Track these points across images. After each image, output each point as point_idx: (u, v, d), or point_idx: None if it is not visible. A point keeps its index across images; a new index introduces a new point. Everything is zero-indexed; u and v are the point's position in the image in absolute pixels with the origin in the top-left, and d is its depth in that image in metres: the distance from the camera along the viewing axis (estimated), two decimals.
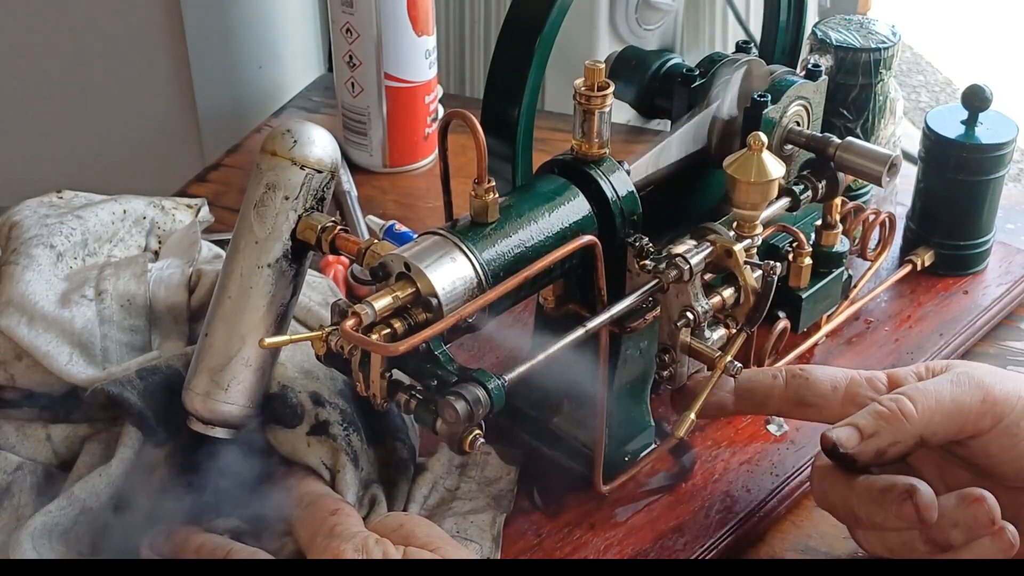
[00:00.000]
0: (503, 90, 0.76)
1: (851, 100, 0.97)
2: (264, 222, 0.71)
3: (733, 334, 0.76)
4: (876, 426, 0.70)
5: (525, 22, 0.75)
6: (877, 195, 1.01)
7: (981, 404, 0.70)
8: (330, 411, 0.76)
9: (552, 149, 0.79)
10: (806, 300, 0.87)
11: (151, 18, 1.38)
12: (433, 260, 0.67)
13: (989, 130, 0.95)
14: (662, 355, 0.76)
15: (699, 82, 0.85)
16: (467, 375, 0.66)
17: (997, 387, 0.71)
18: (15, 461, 0.76)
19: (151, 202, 0.94)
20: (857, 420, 0.71)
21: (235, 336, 0.72)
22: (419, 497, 0.79)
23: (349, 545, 0.66)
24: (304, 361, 0.79)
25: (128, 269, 0.84)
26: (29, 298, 0.79)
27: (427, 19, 1.14)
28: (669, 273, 0.72)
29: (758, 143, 0.75)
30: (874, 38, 0.96)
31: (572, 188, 0.74)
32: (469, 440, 0.66)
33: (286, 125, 0.71)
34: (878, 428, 0.70)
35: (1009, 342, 0.96)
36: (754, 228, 0.77)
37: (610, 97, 0.73)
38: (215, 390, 0.72)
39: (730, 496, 0.81)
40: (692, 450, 0.85)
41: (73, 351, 0.79)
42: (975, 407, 0.70)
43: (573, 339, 0.69)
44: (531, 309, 0.85)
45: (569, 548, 0.78)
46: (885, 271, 0.99)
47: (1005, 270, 1.00)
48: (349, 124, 1.18)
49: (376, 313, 0.65)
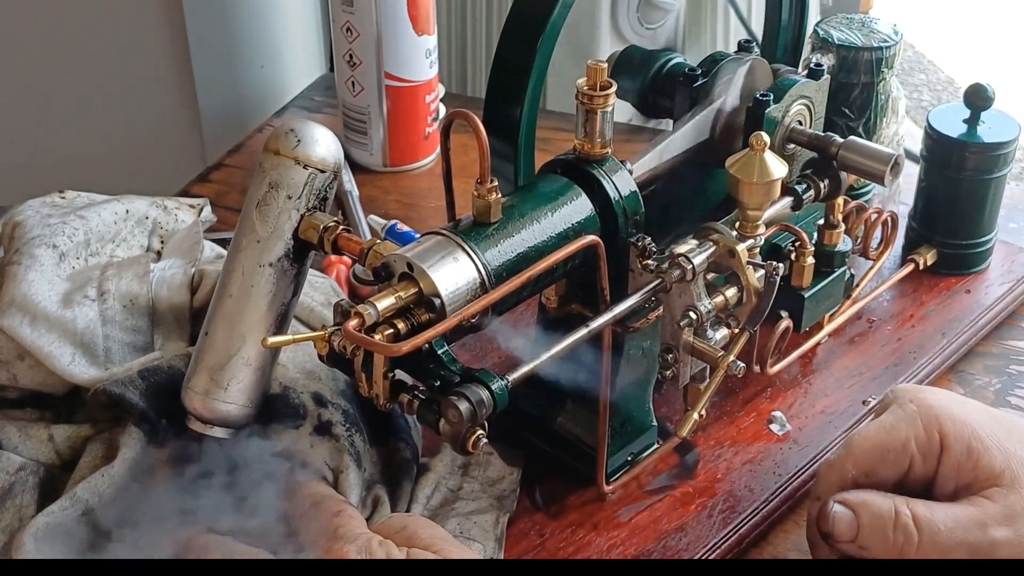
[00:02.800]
0: (505, 89, 0.76)
1: (853, 99, 0.97)
2: (266, 221, 0.71)
3: (736, 333, 0.76)
4: (871, 546, 0.70)
5: (527, 21, 0.75)
6: (879, 194, 1.01)
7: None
8: (333, 412, 0.76)
9: (554, 149, 0.79)
10: (808, 299, 0.87)
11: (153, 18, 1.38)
12: (436, 260, 0.67)
13: (991, 129, 0.95)
14: (665, 355, 0.76)
15: (701, 81, 0.85)
16: (470, 375, 0.66)
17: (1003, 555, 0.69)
18: (18, 461, 0.76)
19: (153, 202, 0.94)
20: (863, 523, 0.70)
21: (235, 335, 0.71)
22: (422, 497, 0.78)
23: (352, 547, 0.66)
24: (306, 362, 0.79)
25: (130, 269, 0.84)
26: (31, 298, 0.79)
27: (427, 18, 1.14)
28: (672, 273, 0.72)
29: (761, 143, 0.75)
30: (876, 37, 0.96)
31: (575, 188, 0.74)
32: (472, 440, 0.66)
33: (290, 124, 0.71)
34: (871, 548, 0.70)
35: (1011, 341, 0.96)
36: (756, 228, 0.77)
37: (612, 96, 0.72)
38: (214, 389, 0.72)
39: (733, 496, 0.81)
40: (695, 449, 0.85)
41: (75, 351, 0.79)
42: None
43: (576, 339, 0.69)
44: (534, 309, 0.85)
45: (572, 548, 0.78)
46: (887, 270, 0.99)
47: (1007, 269, 1.00)
48: (349, 123, 1.18)
49: (379, 313, 0.64)
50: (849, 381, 0.90)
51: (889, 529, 0.70)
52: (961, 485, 0.71)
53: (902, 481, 0.73)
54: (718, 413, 0.87)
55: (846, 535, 0.71)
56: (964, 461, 0.71)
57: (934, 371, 0.92)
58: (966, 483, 0.71)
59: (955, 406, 0.73)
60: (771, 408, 0.88)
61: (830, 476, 0.74)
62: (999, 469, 0.70)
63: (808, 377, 0.91)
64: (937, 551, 0.69)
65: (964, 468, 0.71)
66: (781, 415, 0.87)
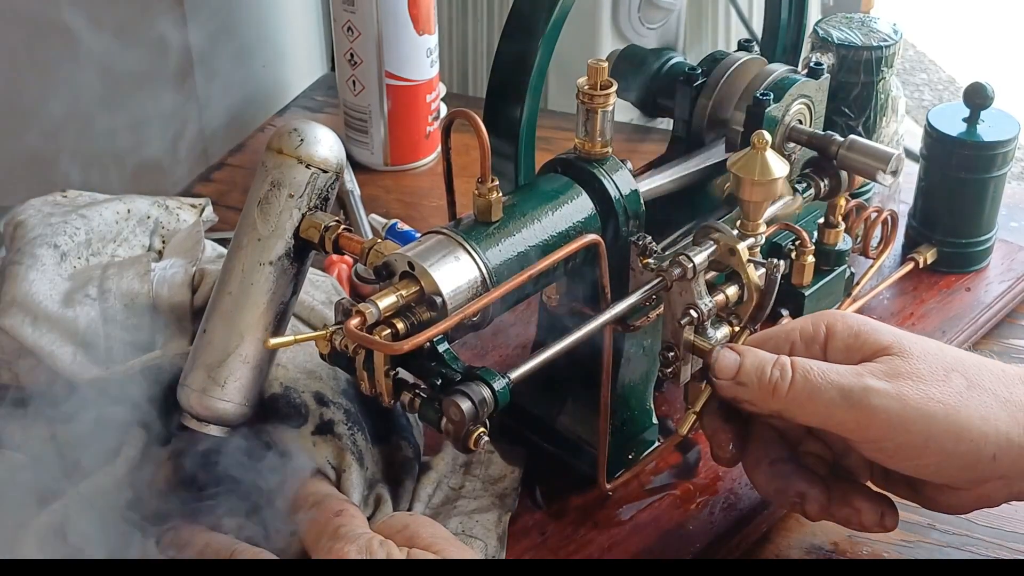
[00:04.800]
0: (506, 89, 0.76)
1: (853, 98, 0.97)
2: (267, 219, 0.71)
3: (737, 332, 0.76)
4: (749, 381, 0.69)
5: (528, 21, 0.75)
6: (879, 193, 1.01)
7: (855, 426, 0.68)
8: (334, 411, 0.76)
9: (555, 148, 0.79)
10: (809, 298, 0.87)
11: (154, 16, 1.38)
12: (437, 259, 0.67)
13: (991, 128, 0.96)
14: (665, 353, 0.76)
15: (701, 81, 0.85)
16: (472, 374, 0.66)
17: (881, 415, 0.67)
18: (20, 460, 0.76)
19: (155, 201, 0.94)
20: (745, 362, 0.70)
21: (234, 333, 0.71)
22: (424, 496, 0.79)
23: (353, 547, 0.66)
24: (307, 361, 0.79)
25: (131, 268, 0.84)
26: (33, 297, 0.79)
27: (428, 18, 1.14)
28: (673, 271, 0.72)
29: (762, 142, 0.75)
30: (876, 36, 0.96)
31: (575, 187, 0.74)
32: (474, 439, 0.66)
33: (293, 124, 0.71)
34: (748, 383, 0.69)
35: (1011, 339, 0.96)
36: (757, 226, 0.77)
37: (613, 96, 0.73)
38: (211, 387, 0.71)
39: (734, 494, 0.81)
40: (696, 448, 0.85)
41: (77, 350, 0.79)
42: (846, 423, 0.68)
43: (577, 337, 0.69)
44: (534, 307, 0.85)
45: (573, 547, 0.78)
46: (887, 269, 0.99)
47: (1007, 267, 1.00)
48: (351, 122, 1.18)
49: (380, 312, 0.65)
50: None
51: (767, 368, 0.69)
52: (850, 361, 0.70)
53: None
54: None
55: (727, 372, 0.70)
56: (851, 342, 0.70)
57: None
58: (855, 361, 0.70)
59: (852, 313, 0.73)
60: None
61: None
62: (887, 342, 0.69)
63: None
64: (809, 391, 0.67)
65: (852, 348, 0.70)
66: None
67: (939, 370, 0.68)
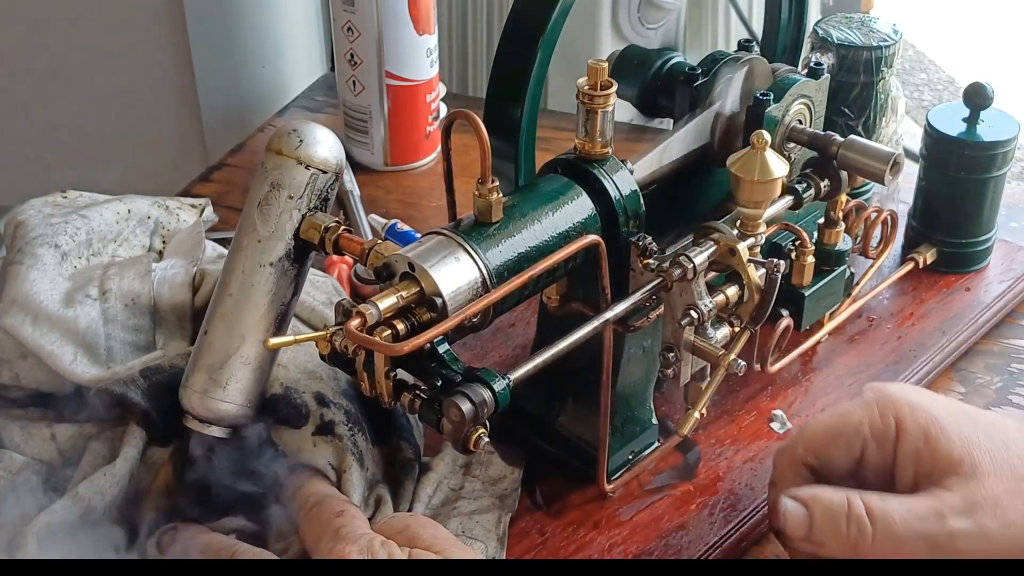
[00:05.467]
0: (506, 89, 0.76)
1: (853, 98, 0.97)
2: (267, 221, 0.71)
3: (737, 332, 0.76)
4: (825, 541, 0.68)
5: (528, 21, 0.75)
6: (879, 193, 1.01)
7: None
8: (335, 411, 0.76)
9: (555, 148, 0.79)
10: (809, 298, 0.87)
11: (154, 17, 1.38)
12: (437, 260, 0.67)
13: (991, 128, 0.96)
14: (666, 353, 0.76)
15: (701, 81, 0.85)
16: (472, 375, 0.66)
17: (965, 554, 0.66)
18: (20, 461, 0.76)
19: (155, 202, 0.94)
20: (815, 516, 0.68)
21: (235, 334, 0.71)
22: (424, 497, 0.79)
23: (354, 547, 0.67)
24: (307, 362, 0.79)
25: (132, 269, 0.84)
26: (33, 297, 0.79)
27: (428, 18, 1.14)
28: (673, 272, 0.72)
29: (761, 141, 0.75)
30: (875, 36, 0.96)
31: (575, 187, 0.74)
32: (474, 439, 0.66)
33: (292, 125, 0.71)
34: (825, 543, 0.68)
35: (1011, 339, 0.96)
36: (757, 226, 0.77)
37: (613, 96, 0.73)
38: (213, 388, 0.72)
39: (734, 494, 0.81)
40: (696, 448, 0.85)
41: (77, 350, 0.79)
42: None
43: (577, 338, 0.69)
44: (535, 308, 0.85)
45: (573, 547, 0.78)
46: (887, 269, 0.99)
47: (1007, 267, 1.00)
48: (350, 122, 1.18)
49: (380, 313, 0.65)
50: (849, 379, 0.90)
51: (842, 522, 0.67)
52: (920, 474, 0.69)
53: (858, 471, 0.71)
54: (719, 412, 0.87)
55: (799, 531, 0.69)
56: (922, 447, 0.69)
57: (934, 369, 0.92)
58: (925, 472, 0.69)
59: (913, 394, 0.72)
60: (772, 406, 0.88)
61: (782, 460, 0.73)
62: (958, 457, 0.68)
63: (809, 375, 0.91)
64: (893, 544, 0.67)
65: (922, 455, 0.69)
66: (782, 413, 0.88)
67: (1012, 484, 0.67)
